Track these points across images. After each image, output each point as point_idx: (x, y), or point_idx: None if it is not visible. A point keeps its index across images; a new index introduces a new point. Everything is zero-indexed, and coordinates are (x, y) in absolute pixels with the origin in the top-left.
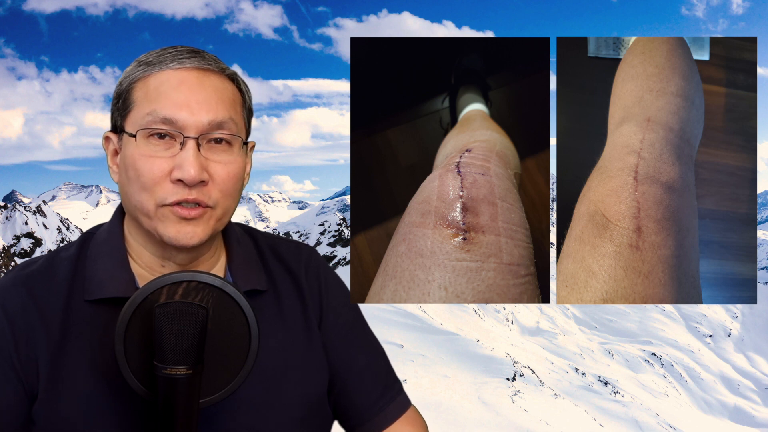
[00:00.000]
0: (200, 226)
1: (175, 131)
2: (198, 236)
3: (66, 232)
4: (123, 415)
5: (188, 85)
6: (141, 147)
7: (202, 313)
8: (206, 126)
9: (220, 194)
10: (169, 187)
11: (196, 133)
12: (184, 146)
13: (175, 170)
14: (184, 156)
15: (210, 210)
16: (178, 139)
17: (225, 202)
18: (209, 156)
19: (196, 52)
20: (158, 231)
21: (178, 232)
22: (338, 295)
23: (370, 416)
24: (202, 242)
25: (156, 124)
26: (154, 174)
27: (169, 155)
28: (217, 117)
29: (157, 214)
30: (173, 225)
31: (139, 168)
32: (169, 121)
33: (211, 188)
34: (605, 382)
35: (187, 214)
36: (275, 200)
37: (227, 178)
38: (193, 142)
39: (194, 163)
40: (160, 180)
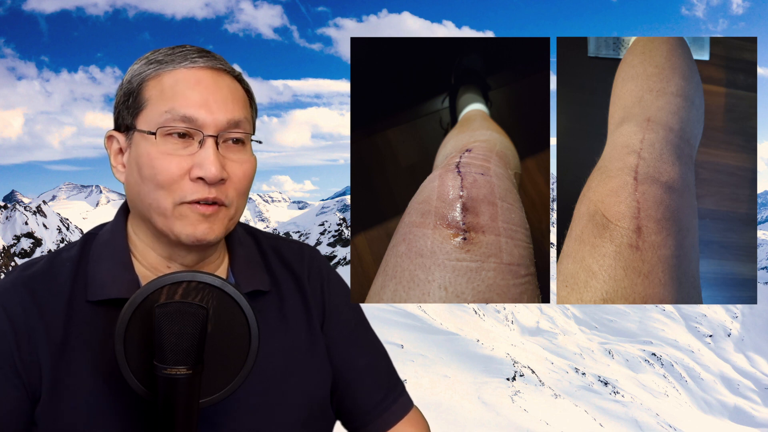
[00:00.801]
0: (216, 224)
1: (195, 129)
2: (214, 233)
3: (66, 232)
4: (123, 415)
5: (205, 85)
6: (159, 145)
7: (202, 313)
8: (225, 125)
9: (236, 193)
10: (189, 185)
11: (215, 131)
12: (203, 144)
13: (195, 168)
14: (205, 155)
15: (225, 209)
16: (196, 137)
17: (238, 201)
18: (226, 155)
19: (206, 51)
20: (174, 230)
21: (196, 229)
22: (341, 296)
23: (373, 417)
24: (217, 239)
25: (175, 122)
26: (172, 172)
27: (188, 153)
28: (234, 116)
29: (174, 212)
30: (192, 223)
31: (157, 166)
32: (189, 119)
33: (229, 187)
34: (605, 382)
35: (206, 210)
36: (275, 200)
37: (243, 177)
38: (212, 140)
39: (215, 161)
40: (178, 178)
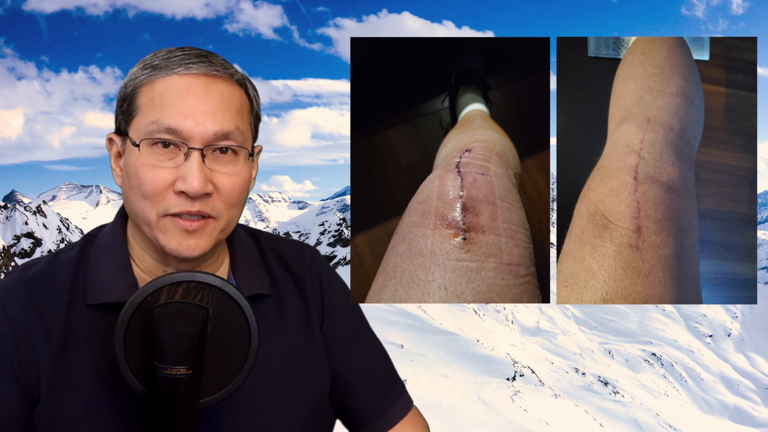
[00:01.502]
0: (203, 239)
1: (180, 141)
2: (200, 248)
3: (66, 232)
4: (123, 416)
5: (194, 93)
6: (144, 156)
7: (202, 313)
8: (212, 136)
9: (224, 205)
10: (172, 198)
11: (201, 144)
12: (188, 157)
13: (178, 181)
14: (188, 168)
15: (213, 221)
16: (182, 149)
17: (229, 213)
18: (214, 167)
19: (204, 55)
20: (159, 241)
21: (180, 244)
22: (340, 296)
23: (373, 417)
24: (204, 253)
25: (160, 133)
26: (156, 184)
27: (173, 165)
28: (223, 127)
29: (158, 224)
30: (175, 237)
31: (142, 177)
32: (174, 131)
33: (216, 199)
34: (605, 382)
35: (189, 226)
36: (275, 200)
37: (232, 190)
38: (197, 153)
39: (198, 175)
40: (162, 190)
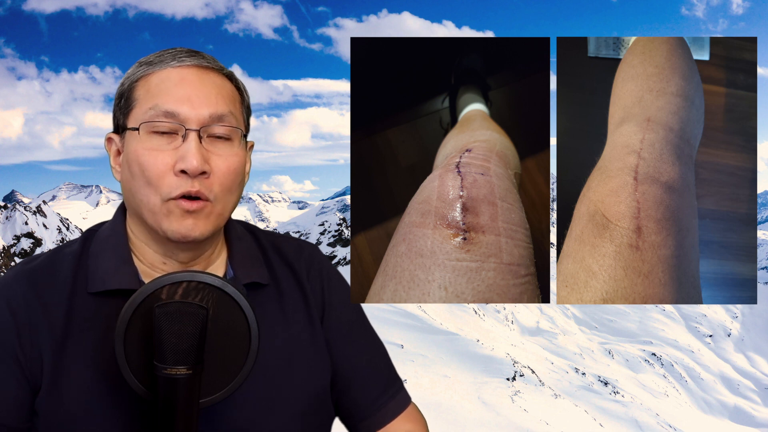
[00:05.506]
0: (201, 220)
1: (177, 124)
2: (199, 229)
3: (66, 232)
4: (123, 406)
5: (189, 81)
6: (144, 141)
7: (202, 313)
8: (207, 119)
9: (220, 188)
10: (173, 180)
11: (197, 126)
12: (186, 138)
13: (178, 162)
14: (187, 147)
15: (210, 204)
16: (180, 132)
17: (225, 197)
18: (210, 149)
19: (195, 52)
20: (162, 226)
21: (181, 224)
22: (341, 293)
23: (371, 413)
24: (203, 237)
25: (158, 117)
26: (158, 167)
27: (172, 148)
28: (217, 110)
29: (162, 209)
30: (177, 219)
31: (143, 162)
32: (171, 114)
33: (212, 181)
34: (605, 382)
35: (189, 206)
36: (275, 200)
37: (228, 172)
38: (194, 134)
39: (196, 153)
40: (164, 173)
